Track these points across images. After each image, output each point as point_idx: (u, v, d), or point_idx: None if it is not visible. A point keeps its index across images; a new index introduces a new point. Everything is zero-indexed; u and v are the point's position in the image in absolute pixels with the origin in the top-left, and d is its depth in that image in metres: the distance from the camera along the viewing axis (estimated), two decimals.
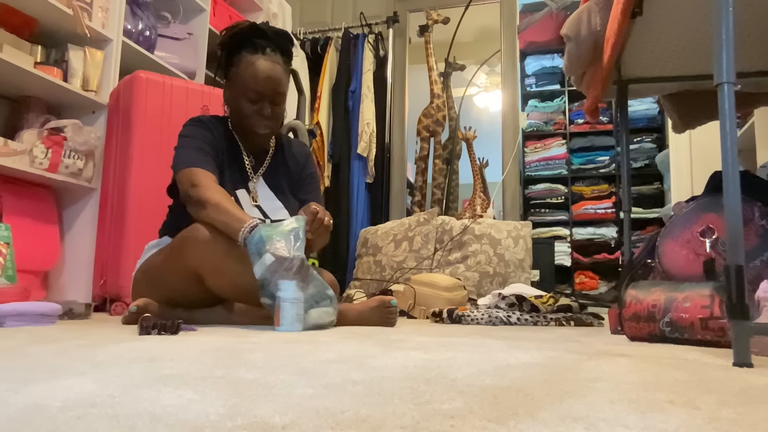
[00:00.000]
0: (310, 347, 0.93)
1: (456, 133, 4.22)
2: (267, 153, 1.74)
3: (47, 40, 2.54)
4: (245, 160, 1.69)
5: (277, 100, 1.63)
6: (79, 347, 0.91)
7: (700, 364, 0.81)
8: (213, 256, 1.43)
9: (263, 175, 1.71)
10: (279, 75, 1.61)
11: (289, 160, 1.78)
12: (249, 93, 1.60)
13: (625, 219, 1.65)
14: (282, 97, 1.64)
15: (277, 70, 1.61)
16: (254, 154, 1.71)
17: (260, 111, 1.62)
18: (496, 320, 1.85)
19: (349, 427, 0.42)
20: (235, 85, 1.62)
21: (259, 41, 1.60)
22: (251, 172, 1.69)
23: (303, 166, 1.81)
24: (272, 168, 1.73)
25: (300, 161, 1.81)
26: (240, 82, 1.60)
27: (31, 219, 2.41)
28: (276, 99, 1.63)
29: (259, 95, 1.60)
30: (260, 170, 1.71)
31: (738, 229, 0.81)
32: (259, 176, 1.70)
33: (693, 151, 2.84)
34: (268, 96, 1.61)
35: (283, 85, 1.64)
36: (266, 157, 1.73)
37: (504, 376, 0.66)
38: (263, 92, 1.60)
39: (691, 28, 1.40)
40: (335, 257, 3.91)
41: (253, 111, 1.61)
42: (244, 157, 1.69)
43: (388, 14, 4.40)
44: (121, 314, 2.09)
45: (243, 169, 1.68)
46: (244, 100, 1.61)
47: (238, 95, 1.62)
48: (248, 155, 1.70)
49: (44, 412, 0.45)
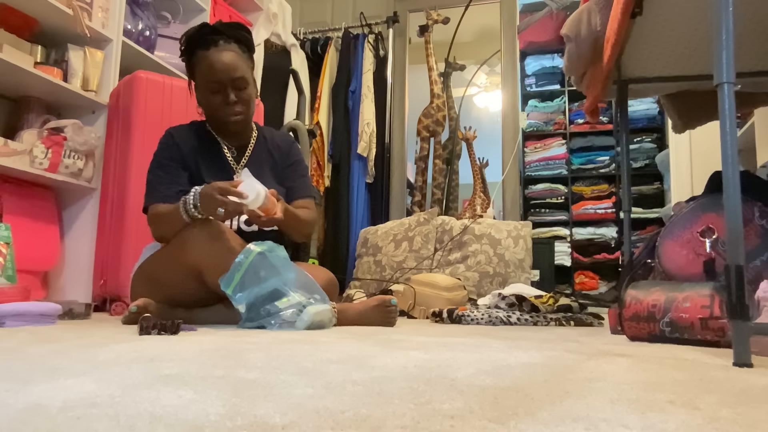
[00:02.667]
0: (310, 347, 0.93)
1: (456, 133, 4.22)
2: (248, 144, 1.78)
3: (47, 40, 2.54)
4: (226, 154, 1.73)
5: (238, 84, 1.66)
6: (79, 347, 0.91)
7: (700, 364, 0.81)
8: (213, 254, 1.43)
9: (246, 165, 1.74)
10: (232, 60, 1.64)
11: (272, 150, 1.82)
12: (210, 85, 1.65)
13: (625, 219, 1.65)
14: (243, 81, 1.66)
15: (229, 56, 1.64)
16: (236, 146, 1.75)
17: (225, 99, 1.65)
18: (496, 320, 1.84)
19: (349, 427, 0.42)
20: (198, 83, 1.68)
21: (210, 37, 1.65)
22: (234, 164, 1.73)
23: (287, 155, 1.84)
24: (255, 158, 1.77)
25: (283, 150, 1.84)
26: (201, 79, 1.66)
27: (31, 219, 2.41)
28: (236, 83, 1.65)
29: (219, 85, 1.64)
30: (243, 160, 1.74)
31: (738, 229, 0.81)
32: (243, 166, 1.72)
33: (693, 151, 2.84)
34: (227, 81, 1.64)
35: (240, 70, 1.66)
36: (248, 148, 1.77)
37: (504, 376, 0.66)
38: (221, 80, 1.63)
39: (691, 28, 1.40)
40: (335, 257, 3.91)
41: (219, 101, 1.66)
42: (225, 151, 1.73)
43: (388, 14, 4.40)
44: (121, 314, 2.09)
45: (225, 163, 1.72)
46: (209, 93, 1.66)
47: (203, 92, 1.68)
48: (229, 148, 1.74)
49: (44, 412, 0.45)
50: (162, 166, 1.66)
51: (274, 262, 1.38)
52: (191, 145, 1.69)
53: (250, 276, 1.35)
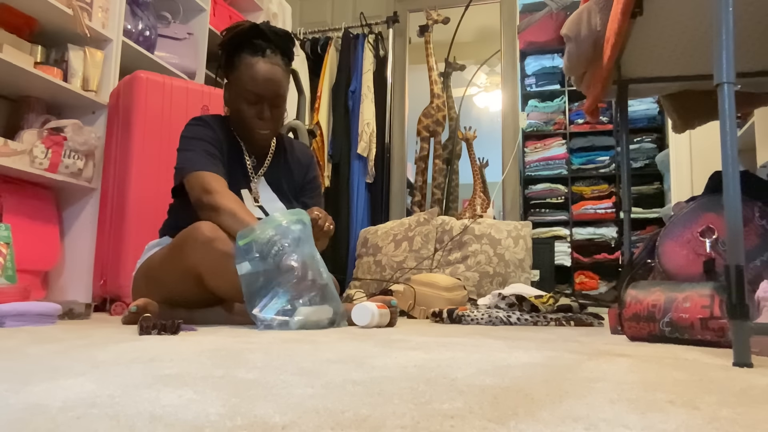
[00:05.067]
0: (310, 347, 0.93)
1: (456, 133, 4.22)
2: (267, 153, 1.74)
3: (47, 40, 2.54)
4: (247, 160, 1.69)
5: (276, 102, 1.63)
6: (79, 347, 0.91)
7: (700, 364, 0.81)
8: (213, 256, 1.43)
9: (264, 175, 1.71)
10: (278, 77, 1.60)
11: (291, 163, 1.78)
12: (248, 95, 1.59)
13: (625, 219, 1.65)
14: (281, 99, 1.64)
15: (276, 72, 1.60)
16: (255, 155, 1.71)
17: (260, 113, 1.61)
18: (496, 320, 1.84)
19: (349, 427, 0.42)
20: (234, 86, 1.62)
21: (259, 42, 1.60)
22: (252, 172, 1.69)
23: (306, 171, 1.81)
24: (273, 168, 1.74)
25: (303, 165, 1.81)
26: (240, 85, 1.60)
27: (31, 219, 2.41)
28: (275, 101, 1.62)
29: (258, 98, 1.60)
30: (261, 170, 1.71)
31: (738, 229, 0.81)
32: (260, 176, 1.70)
33: (693, 151, 2.84)
34: (268, 98, 1.60)
35: (283, 88, 1.63)
36: (267, 158, 1.73)
37: (504, 376, 0.66)
38: (262, 95, 1.59)
39: (691, 28, 1.40)
40: (335, 257, 3.91)
41: (253, 113, 1.61)
42: (245, 157, 1.69)
43: (388, 14, 4.40)
44: (121, 314, 2.09)
45: (245, 169, 1.68)
46: (244, 102, 1.61)
47: (237, 97, 1.62)
48: (249, 155, 1.70)
49: (44, 412, 0.45)
50: (208, 143, 1.58)
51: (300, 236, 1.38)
52: (221, 139, 1.64)
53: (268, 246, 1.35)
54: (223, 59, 1.65)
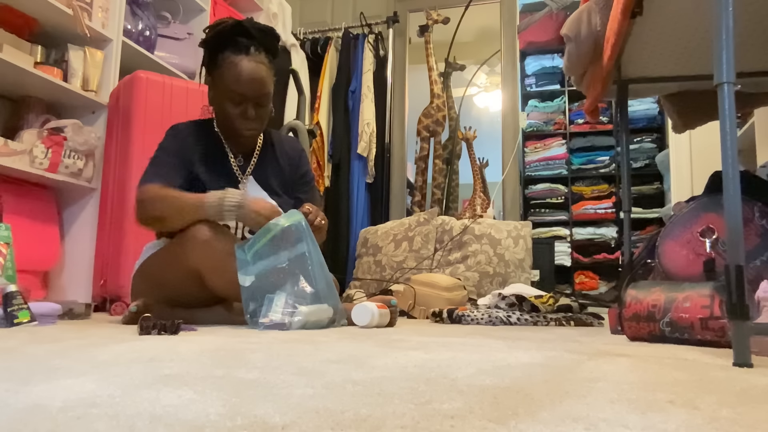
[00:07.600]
0: (310, 347, 0.93)
1: (456, 133, 4.22)
2: (254, 151, 1.71)
3: (47, 40, 2.54)
4: (232, 162, 1.66)
5: (261, 101, 1.60)
6: (79, 347, 0.91)
7: (700, 364, 0.81)
8: (213, 255, 1.43)
9: (252, 173, 1.68)
10: (263, 75, 1.57)
11: (280, 158, 1.75)
12: (232, 95, 1.56)
13: (625, 219, 1.65)
14: (266, 97, 1.61)
15: (260, 70, 1.57)
16: (242, 154, 1.69)
17: (244, 113, 1.58)
18: (496, 320, 1.84)
19: (349, 427, 0.42)
20: (218, 86, 1.59)
21: (242, 40, 1.57)
22: (239, 173, 1.66)
23: (297, 165, 1.78)
24: (261, 165, 1.71)
25: (293, 159, 1.78)
26: (223, 84, 1.56)
27: (31, 219, 2.41)
28: (260, 100, 1.59)
29: (242, 97, 1.56)
30: (249, 169, 1.68)
31: (738, 229, 0.81)
32: (248, 176, 1.67)
33: (693, 151, 2.84)
34: (252, 98, 1.57)
35: (267, 86, 1.60)
36: (254, 155, 1.70)
37: (504, 376, 0.66)
38: (247, 94, 1.56)
39: (691, 28, 1.40)
40: (335, 257, 3.91)
41: (237, 113, 1.58)
42: (230, 158, 1.66)
43: (388, 14, 4.40)
44: (121, 314, 2.09)
45: (230, 171, 1.65)
46: (228, 101, 1.57)
47: (221, 96, 1.58)
48: (235, 156, 1.67)
49: (44, 412, 0.45)
50: (169, 154, 1.58)
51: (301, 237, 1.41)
52: (196, 147, 1.62)
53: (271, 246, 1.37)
54: (206, 58, 1.62)
